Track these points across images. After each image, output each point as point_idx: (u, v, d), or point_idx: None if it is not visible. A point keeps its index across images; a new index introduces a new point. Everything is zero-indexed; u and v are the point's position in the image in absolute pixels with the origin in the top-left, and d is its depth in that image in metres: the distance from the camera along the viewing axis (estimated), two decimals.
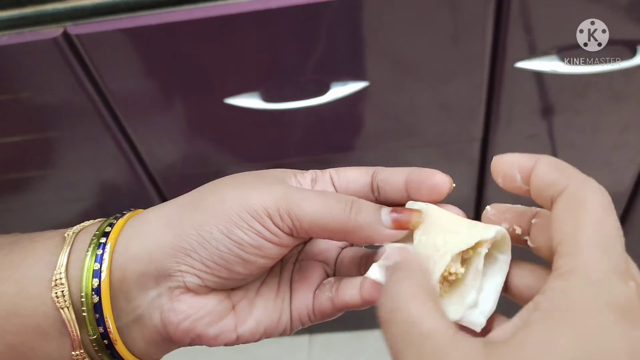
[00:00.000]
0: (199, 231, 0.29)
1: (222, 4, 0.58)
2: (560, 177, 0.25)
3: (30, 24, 0.60)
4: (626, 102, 0.69)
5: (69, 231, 0.32)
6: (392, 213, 0.30)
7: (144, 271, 0.30)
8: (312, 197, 0.30)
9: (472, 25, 0.61)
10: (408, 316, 0.23)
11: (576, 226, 0.23)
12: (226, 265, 0.30)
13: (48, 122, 0.69)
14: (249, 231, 0.29)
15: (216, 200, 0.30)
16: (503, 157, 0.28)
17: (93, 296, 0.29)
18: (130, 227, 0.31)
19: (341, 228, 0.29)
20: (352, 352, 1.21)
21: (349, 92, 0.66)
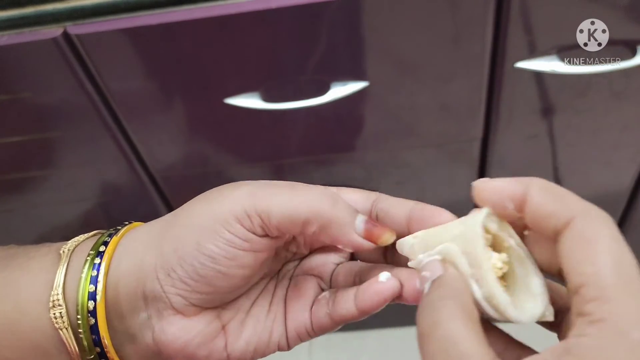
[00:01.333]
0: (176, 249, 0.29)
1: (222, 4, 0.58)
2: (560, 208, 0.24)
3: (30, 24, 0.60)
4: (626, 102, 0.69)
5: (64, 247, 0.31)
6: (367, 222, 0.30)
7: (134, 292, 0.30)
8: (281, 190, 0.29)
9: (472, 26, 0.61)
10: (449, 334, 0.23)
11: (596, 268, 0.22)
12: (205, 280, 0.29)
13: (48, 122, 0.69)
14: (220, 242, 0.29)
15: (188, 215, 0.30)
16: (488, 185, 0.27)
17: (89, 318, 0.30)
18: (121, 245, 0.31)
19: (313, 218, 0.29)
20: (352, 352, 1.21)
21: (349, 92, 0.66)
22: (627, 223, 0.89)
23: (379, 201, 0.32)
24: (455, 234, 0.28)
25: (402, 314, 1.17)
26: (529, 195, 0.25)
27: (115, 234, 0.32)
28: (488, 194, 0.27)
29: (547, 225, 0.24)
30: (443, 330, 0.23)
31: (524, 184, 0.25)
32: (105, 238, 0.31)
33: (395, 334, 1.21)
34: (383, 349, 1.20)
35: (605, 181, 0.82)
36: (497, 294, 0.25)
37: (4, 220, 0.84)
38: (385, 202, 0.31)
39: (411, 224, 0.30)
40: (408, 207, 0.30)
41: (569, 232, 0.24)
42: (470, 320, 0.24)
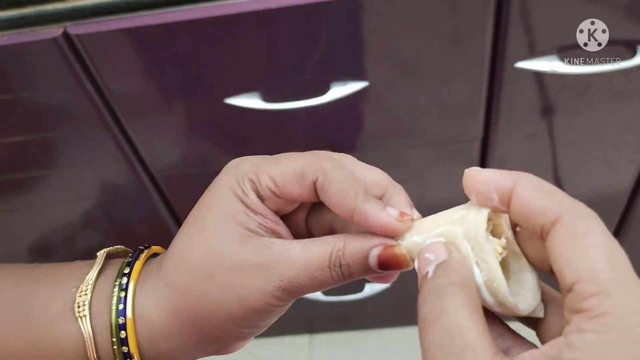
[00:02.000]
0: (225, 335, 0.31)
1: (222, 4, 0.58)
2: (549, 205, 0.24)
3: (30, 24, 0.60)
4: (626, 102, 0.69)
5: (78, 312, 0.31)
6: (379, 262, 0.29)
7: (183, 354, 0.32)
8: (304, 281, 0.29)
9: (472, 25, 0.61)
10: (455, 323, 0.23)
11: (590, 263, 0.22)
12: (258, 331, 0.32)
13: (48, 122, 0.69)
14: (268, 316, 0.30)
15: (223, 315, 0.30)
16: (477, 174, 0.26)
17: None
18: (143, 332, 0.31)
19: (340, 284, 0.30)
20: (352, 351, 1.21)
21: (349, 92, 0.66)
22: (627, 223, 0.89)
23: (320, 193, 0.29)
24: (455, 218, 0.27)
25: (402, 314, 1.17)
26: (516, 190, 0.25)
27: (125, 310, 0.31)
28: (475, 182, 0.26)
29: (534, 222, 0.24)
30: (449, 318, 0.23)
31: (512, 178, 0.25)
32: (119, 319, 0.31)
33: (395, 334, 1.21)
34: (383, 348, 1.21)
35: (605, 181, 0.82)
36: (497, 277, 0.25)
37: (4, 219, 0.84)
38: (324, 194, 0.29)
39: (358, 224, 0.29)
40: (350, 209, 0.29)
41: (558, 229, 0.23)
42: (477, 311, 0.23)
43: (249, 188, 0.30)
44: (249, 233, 0.30)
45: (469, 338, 0.22)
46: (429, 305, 0.24)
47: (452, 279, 0.25)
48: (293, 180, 0.29)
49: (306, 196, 0.30)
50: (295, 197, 0.30)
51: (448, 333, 0.23)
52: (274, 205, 0.30)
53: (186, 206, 0.84)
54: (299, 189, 0.29)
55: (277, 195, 0.30)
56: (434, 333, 0.23)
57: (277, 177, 0.30)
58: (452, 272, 0.25)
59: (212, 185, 0.31)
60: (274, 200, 0.30)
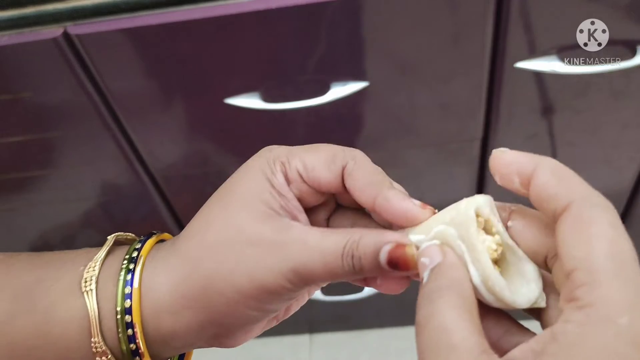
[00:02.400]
0: (231, 315, 0.30)
1: (222, 4, 0.58)
2: (562, 190, 0.24)
3: (30, 24, 0.60)
4: (626, 101, 0.69)
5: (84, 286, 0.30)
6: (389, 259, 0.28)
7: (186, 339, 0.31)
8: (317, 268, 0.29)
9: (472, 25, 0.61)
10: (441, 324, 0.23)
11: (588, 252, 0.22)
12: (266, 320, 0.32)
13: (48, 122, 0.69)
14: (278, 301, 0.30)
15: (231, 290, 0.29)
16: (502, 156, 0.26)
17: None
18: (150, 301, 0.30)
19: (353, 278, 0.30)
20: (352, 351, 1.21)
21: (349, 92, 0.66)
22: (627, 222, 0.89)
23: (346, 179, 0.30)
24: (447, 221, 0.28)
25: (402, 314, 1.17)
26: (536, 174, 0.25)
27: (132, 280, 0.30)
28: (499, 164, 0.26)
29: (547, 207, 0.24)
30: (437, 321, 0.24)
31: (534, 162, 0.25)
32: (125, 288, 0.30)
33: (395, 333, 1.21)
34: (383, 348, 1.21)
35: (605, 180, 0.82)
36: (491, 275, 0.25)
37: (5, 219, 0.84)
38: (351, 182, 0.30)
39: (379, 213, 0.30)
40: (373, 195, 0.29)
41: (566, 216, 0.23)
42: (466, 310, 0.24)
43: (278, 169, 0.31)
44: (271, 212, 0.30)
45: (455, 339, 0.23)
46: (422, 309, 0.25)
47: (442, 282, 0.25)
48: (323, 164, 0.30)
49: (332, 183, 0.30)
50: (321, 182, 0.30)
51: (436, 335, 0.23)
52: (299, 191, 0.31)
53: (186, 206, 0.84)
54: (327, 173, 0.30)
55: (305, 180, 0.30)
56: (424, 336, 0.24)
57: (308, 160, 0.30)
58: (442, 276, 0.25)
59: (242, 165, 0.32)
60: (300, 186, 0.31)
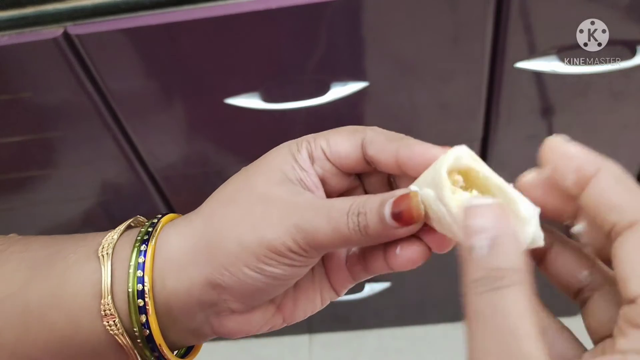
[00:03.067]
0: (231, 271, 0.29)
1: (222, 4, 0.58)
2: (630, 203, 0.22)
3: (30, 24, 0.60)
4: (626, 102, 0.69)
5: (101, 251, 0.31)
6: (392, 210, 0.27)
7: (186, 303, 0.30)
8: (323, 226, 0.28)
9: (472, 25, 0.61)
10: (511, 328, 0.20)
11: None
12: (265, 292, 0.30)
13: (48, 122, 0.69)
14: (280, 265, 0.29)
15: (234, 243, 0.29)
16: (561, 147, 0.24)
17: (144, 330, 0.30)
18: (159, 259, 0.31)
19: (359, 243, 0.29)
20: (352, 351, 1.21)
21: (349, 92, 0.66)
22: None
23: (367, 147, 0.30)
24: (429, 181, 0.27)
25: (402, 314, 1.17)
26: (598, 177, 0.23)
27: (148, 240, 0.31)
28: (556, 155, 0.24)
29: (605, 217, 0.22)
30: (506, 320, 0.20)
31: (597, 163, 0.23)
32: (140, 247, 0.31)
33: (395, 333, 1.21)
34: (383, 348, 1.21)
35: None
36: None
37: (5, 219, 0.84)
38: (372, 147, 0.30)
39: (403, 167, 0.29)
40: (394, 149, 0.29)
41: (631, 235, 0.21)
42: (533, 311, 0.21)
43: (304, 147, 0.32)
44: (288, 180, 0.30)
45: (526, 347, 0.20)
46: (484, 298, 0.21)
47: (509, 263, 0.21)
48: (344, 138, 0.31)
49: (351, 155, 0.30)
50: (341, 155, 0.31)
51: (503, 338, 0.20)
52: (323, 171, 0.31)
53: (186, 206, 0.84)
54: (347, 145, 0.30)
55: (328, 157, 0.31)
56: (487, 334, 0.21)
57: (332, 138, 0.31)
58: (509, 256, 0.21)
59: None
60: (324, 164, 0.31)
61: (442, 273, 0.97)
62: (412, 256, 0.29)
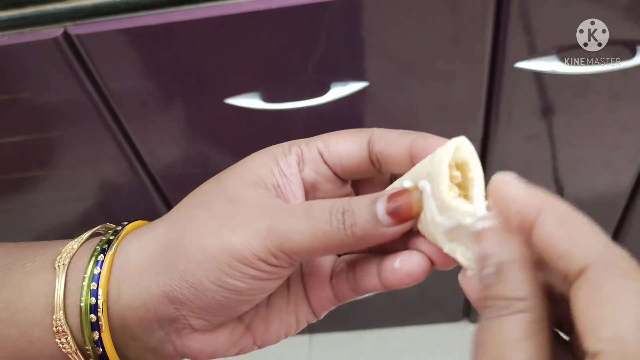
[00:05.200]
0: (189, 282, 0.26)
1: (222, 4, 0.58)
2: (574, 248, 0.20)
3: (30, 24, 0.60)
4: (626, 102, 0.69)
5: (59, 260, 0.29)
6: (388, 205, 0.25)
7: (144, 317, 0.28)
8: (300, 226, 0.25)
9: (472, 26, 0.61)
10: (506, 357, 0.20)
11: (617, 333, 0.19)
12: (228, 308, 0.27)
13: (48, 122, 0.69)
14: (244, 278, 0.26)
15: (195, 248, 0.26)
16: (502, 188, 0.23)
17: (97, 348, 0.28)
18: (117, 268, 0.28)
19: (341, 246, 0.26)
20: (352, 351, 1.21)
21: (349, 92, 0.66)
22: (627, 223, 0.89)
23: (374, 143, 0.28)
24: (425, 174, 0.26)
25: (401, 314, 1.17)
26: (539, 222, 0.21)
27: (108, 249, 0.29)
28: (498, 196, 0.23)
29: (556, 265, 0.21)
30: (500, 348, 0.20)
31: (537, 206, 0.22)
32: (98, 257, 0.28)
33: (394, 334, 1.21)
34: (383, 349, 1.21)
35: (604, 181, 0.82)
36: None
37: (4, 219, 0.84)
38: (380, 143, 0.28)
39: (416, 159, 0.27)
40: (407, 143, 0.27)
41: (582, 284, 0.20)
42: (536, 334, 0.20)
43: (293, 152, 0.29)
44: (263, 183, 0.28)
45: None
46: (486, 324, 0.21)
47: (516, 294, 0.21)
48: (346, 138, 0.29)
49: (355, 155, 0.28)
50: (343, 156, 0.28)
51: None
52: (315, 174, 0.29)
53: None
54: (351, 143, 0.28)
55: (325, 159, 0.29)
56: (482, 355, 0.21)
57: (331, 139, 0.29)
58: (515, 285, 0.21)
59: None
60: (318, 167, 0.29)
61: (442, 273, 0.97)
62: (413, 269, 0.27)
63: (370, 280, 0.28)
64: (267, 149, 0.30)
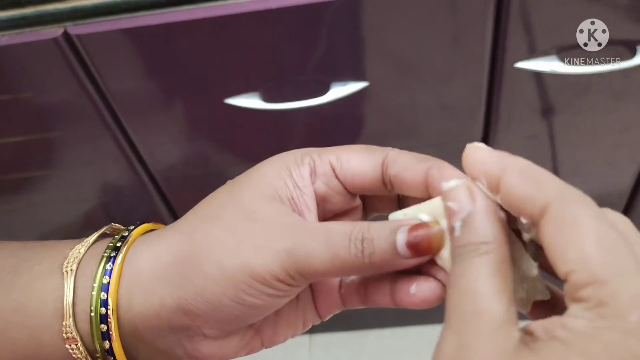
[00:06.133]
0: (205, 298, 0.27)
1: (222, 4, 0.58)
2: (535, 192, 0.23)
3: (30, 24, 0.60)
4: (626, 102, 0.69)
5: (66, 265, 0.29)
6: (409, 239, 0.26)
7: (155, 325, 0.28)
8: (318, 251, 0.26)
9: (472, 25, 0.61)
10: (470, 287, 0.22)
11: (581, 252, 0.21)
12: (242, 320, 0.28)
13: (48, 122, 0.69)
14: (262, 296, 0.27)
15: (213, 266, 0.27)
16: (472, 154, 0.25)
17: (107, 356, 0.28)
18: (127, 277, 0.29)
19: (358, 271, 0.27)
20: (352, 351, 1.21)
21: (349, 92, 0.66)
22: None
23: (389, 166, 0.28)
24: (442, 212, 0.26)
25: (402, 314, 1.17)
26: (504, 178, 0.23)
27: (116, 257, 0.29)
28: (467, 163, 0.25)
29: (523, 212, 0.23)
30: (466, 282, 0.22)
31: (501, 164, 0.24)
32: (107, 265, 0.29)
33: (395, 334, 1.21)
34: (383, 349, 1.21)
35: (605, 181, 0.82)
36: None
37: (4, 220, 0.84)
38: (395, 166, 0.28)
39: (432, 190, 0.27)
40: (423, 170, 0.27)
41: (547, 219, 0.22)
42: (500, 273, 0.22)
43: (306, 162, 0.29)
44: (278, 197, 0.28)
45: (480, 305, 0.22)
46: (454, 266, 0.23)
47: (475, 237, 0.23)
48: (360, 156, 0.29)
49: (368, 174, 0.28)
50: (356, 174, 0.29)
51: (463, 298, 0.22)
52: (327, 188, 0.29)
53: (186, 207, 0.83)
54: (366, 163, 0.28)
55: (337, 174, 0.29)
56: (452, 296, 0.23)
57: (344, 154, 0.29)
58: (475, 230, 0.23)
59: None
60: (330, 181, 0.29)
61: None
62: (428, 296, 0.28)
63: (381, 297, 0.29)
64: (279, 157, 0.29)
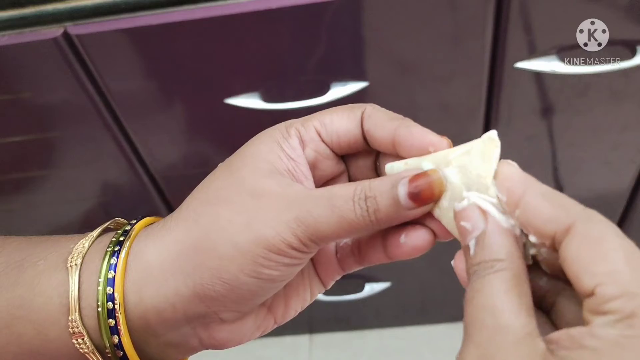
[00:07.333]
0: (223, 279, 0.27)
1: (222, 4, 0.58)
2: (560, 213, 0.24)
3: (30, 24, 0.60)
4: (626, 102, 0.69)
5: (71, 260, 0.29)
6: (410, 189, 0.26)
7: (170, 318, 0.28)
8: (325, 215, 0.27)
9: (472, 25, 0.61)
10: (488, 303, 0.23)
11: (611, 266, 0.22)
12: (259, 296, 0.29)
13: (48, 122, 0.69)
14: (279, 266, 0.27)
15: (227, 245, 0.27)
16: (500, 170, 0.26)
17: (117, 351, 0.28)
18: (134, 272, 0.28)
19: (366, 229, 0.27)
20: (352, 351, 1.21)
21: (349, 92, 0.66)
22: (627, 223, 0.89)
23: (365, 121, 0.29)
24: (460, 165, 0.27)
25: (402, 314, 1.17)
26: (525, 197, 0.24)
27: (119, 251, 0.29)
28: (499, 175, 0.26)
29: (543, 230, 0.24)
30: (484, 298, 0.23)
31: (523, 185, 0.25)
32: (111, 260, 0.29)
33: (395, 334, 1.21)
34: (383, 349, 1.21)
35: (604, 181, 0.82)
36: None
37: (4, 220, 0.84)
38: (369, 121, 0.29)
39: (398, 149, 0.28)
40: (393, 126, 0.28)
41: (573, 236, 0.23)
42: (516, 287, 0.23)
43: (293, 134, 0.30)
44: (277, 171, 0.29)
45: (501, 320, 0.22)
46: (471, 285, 0.24)
47: (490, 254, 0.24)
48: (341, 115, 0.30)
49: (352, 131, 0.29)
50: (340, 133, 0.29)
51: (482, 313, 0.23)
52: (315, 153, 0.30)
53: None
54: (346, 121, 0.29)
55: (323, 138, 0.30)
56: (471, 312, 0.23)
57: (326, 117, 0.30)
58: (489, 247, 0.24)
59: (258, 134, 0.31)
60: (318, 146, 0.30)
61: (443, 273, 0.97)
62: (418, 243, 0.29)
63: (375, 254, 0.30)
64: (266, 133, 0.31)
